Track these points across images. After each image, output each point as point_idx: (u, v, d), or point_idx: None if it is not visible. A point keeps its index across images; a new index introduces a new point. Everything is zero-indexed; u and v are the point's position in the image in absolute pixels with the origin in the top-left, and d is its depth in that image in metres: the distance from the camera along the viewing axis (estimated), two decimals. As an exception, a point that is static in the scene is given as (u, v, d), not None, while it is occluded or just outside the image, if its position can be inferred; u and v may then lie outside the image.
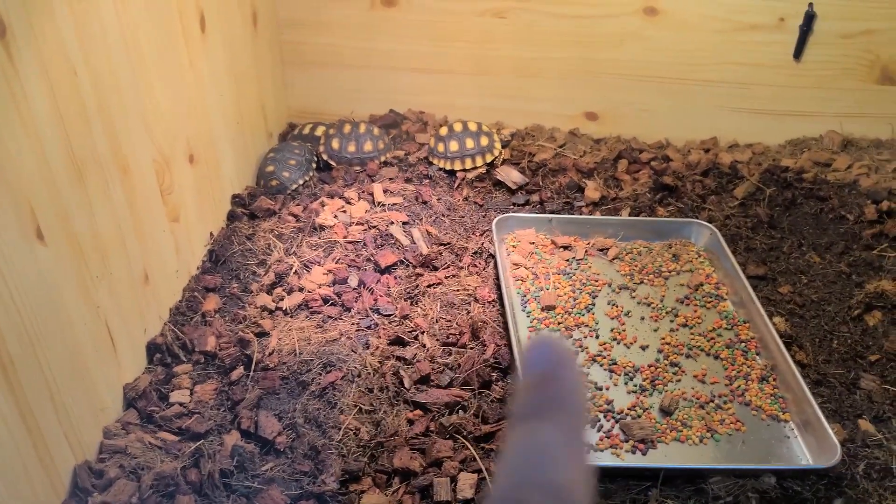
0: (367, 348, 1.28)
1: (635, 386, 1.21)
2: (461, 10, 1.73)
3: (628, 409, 1.17)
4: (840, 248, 1.52)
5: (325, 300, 1.36)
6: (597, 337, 1.30)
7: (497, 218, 1.50)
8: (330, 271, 1.41)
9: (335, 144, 1.71)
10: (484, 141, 1.70)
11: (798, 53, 1.71)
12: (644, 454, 1.10)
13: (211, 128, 1.44)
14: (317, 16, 1.76)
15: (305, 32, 1.79)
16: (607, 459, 1.10)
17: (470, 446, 1.12)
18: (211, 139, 1.44)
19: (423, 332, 1.30)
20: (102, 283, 1.09)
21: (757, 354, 1.29)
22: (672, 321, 1.35)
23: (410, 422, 1.17)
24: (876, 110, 1.77)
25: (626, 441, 1.12)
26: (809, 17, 1.66)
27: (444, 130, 1.71)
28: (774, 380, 1.24)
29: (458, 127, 1.71)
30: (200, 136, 1.39)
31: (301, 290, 1.37)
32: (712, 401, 1.19)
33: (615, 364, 1.24)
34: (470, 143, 1.69)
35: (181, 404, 1.18)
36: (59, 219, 0.98)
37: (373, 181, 1.66)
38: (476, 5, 1.72)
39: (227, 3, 1.48)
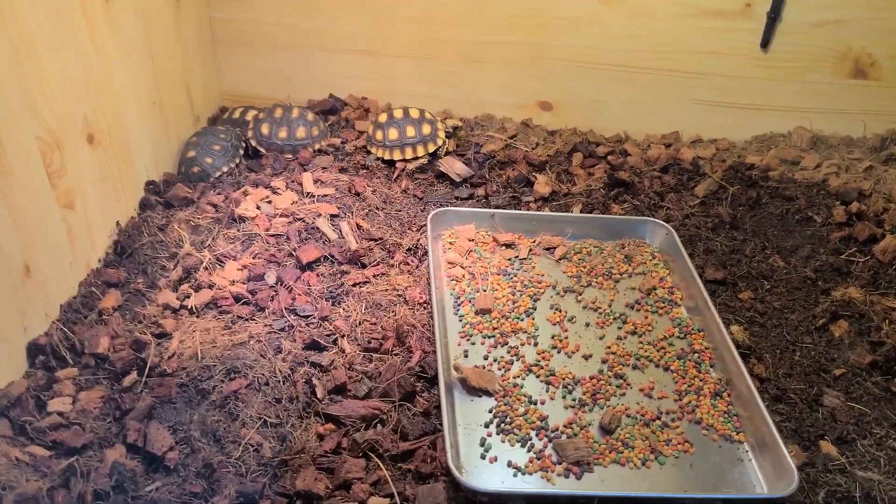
0: (279, 353, 1.14)
1: (574, 400, 1.08)
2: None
3: (564, 426, 1.04)
4: (806, 252, 1.41)
5: (237, 298, 1.22)
6: (535, 344, 1.18)
7: (433, 212, 1.37)
8: (245, 266, 1.28)
9: (265, 130, 1.57)
10: (426, 129, 1.57)
11: (765, 42, 1.60)
12: (578, 478, 0.98)
13: (118, 107, 1.30)
14: (250, -9, 1.63)
15: (236, 9, 1.65)
16: (535, 485, 0.97)
17: (383, 467, 0.98)
18: (118, 119, 1.30)
19: (343, 336, 1.17)
20: (-37, 276, 0.95)
21: (711, 367, 1.17)
22: (620, 328, 1.23)
23: (320, 437, 1.04)
24: (847, 106, 1.66)
25: (559, 463, 0.99)
26: (777, 4, 1.54)
27: (383, 117, 1.58)
28: (729, 395, 1.12)
29: (398, 114, 1.58)
30: (103, 115, 1.25)
31: (211, 286, 1.24)
32: (659, 418, 1.07)
33: (553, 375, 1.12)
34: (411, 132, 1.55)
35: (60, 413, 1.04)
36: None
37: (304, 170, 1.53)
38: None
39: (140, -30, 1.34)
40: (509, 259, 1.34)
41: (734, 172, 1.59)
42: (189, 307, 1.20)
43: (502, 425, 1.04)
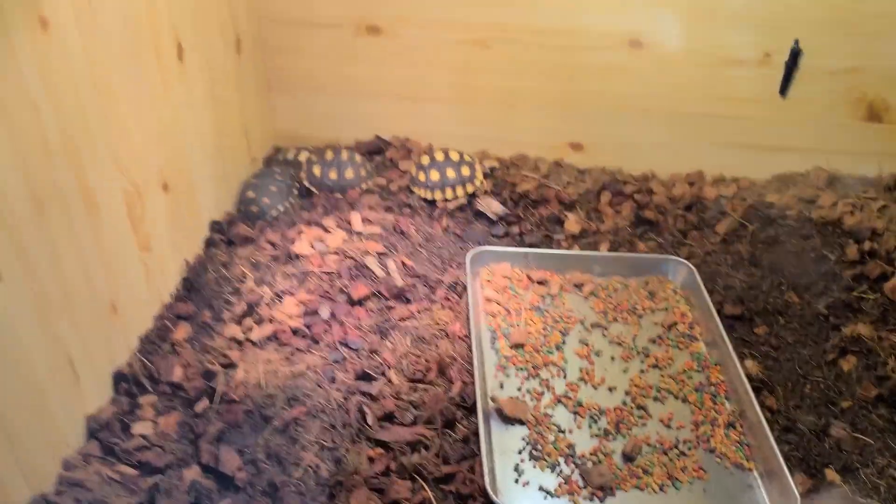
0: (333, 383, 1.27)
1: (599, 429, 1.20)
2: (444, 38, 1.73)
3: (590, 453, 1.16)
4: (819, 289, 1.51)
5: (295, 332, 1.36)
6: (564, 377, 1.29)
7: (471, 252, 1.49)
8: (302, 302, 1.41)
9: (316, 171, 1.71)
10: (465, 171, 1.69)
11: (784, 89, 1.70)
12: (602, 502, 1.09)
13: (187, 155, 1.44)
14: (303, 42, 1.77)
15: (291, 58, 1.79)
16: (564, 507, 1.09)
17: (427, 488, 1.11)
18: (187, 166, 1.45)
19: (390, 368, 1.30)
20: (64, 316, 1.09)
21: (726, 399, 1.27)
22: (643, 362, 1.34)
23: (371, 460, 1.16)
24: (862, 147, 1.75)
25: (585, 487, 1.11)
26: (795, 54, 1.65)
27: (425, 160, 1.71)
28: (741, 426, 1.22)
29: (439, 156, 1.71)
30: (175, 164, 1.39)
31: (271, 320, 1.37)
32: (676, 447, 1.18)
33: (581, 406, 1.24)
34: (451, 173, 1.68)
35: (143, 436, 1.18)
36: (17, 254, 0.98)
37: (353, 209, 1.66)
38: (459, 35, 1.72)
39: (208, 31, 1.49)
40: (541, 295, 1.46)
41: (754, 211, 1.69)
42: (252, 339, 1.34)
43: (534, 452, 1.15)
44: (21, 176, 0.97)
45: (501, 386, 1.27)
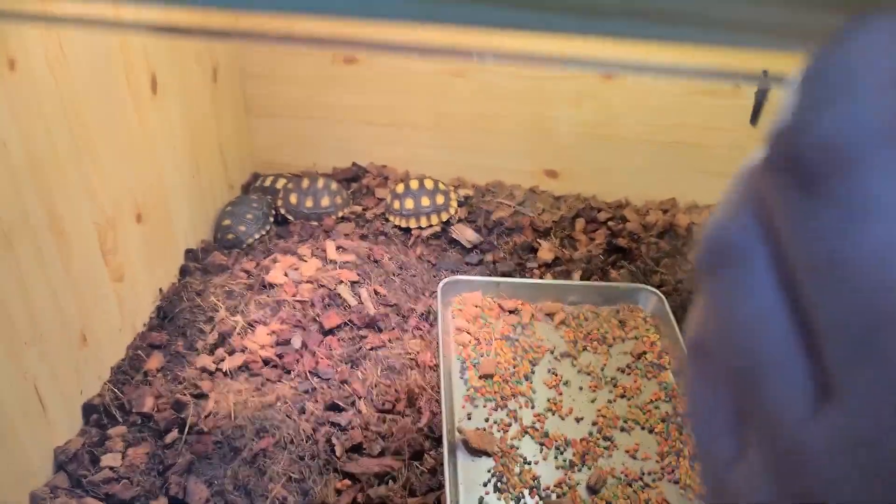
0: (303, 413, 1.28)
1: (564, 461, 1.21)
2: (420, 68, 1.75)
3: (555, 485, 1.17)
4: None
5: (266, 362, 1.37)
6: (532, 407, 1.31)
7: (443, 281, 1.51)
8: (274, 332, 1.42)
9: (293, 199, 1.73)
10: (440, 199, 1.71)
11: (754, 119, 1.72)
12: (565, 534, 1.10)
13: (162, 185, 1.45)
14: (280, 70, 1.79)
15: (269, 86, 1.81)
16: (527, 539, 1.10)
17: (393, 521, 1.12)
18: (162, 196, 1.46)
19: (360, 398, 1.31)
20: (32, 348, 1.10)
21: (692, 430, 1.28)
22: (611, 391, 1.35)
23: (339, 492, 1.17)
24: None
25: (548, 520, 1.12)
26: (764, 85, 1.67)
27: (400, 188, 1.73)
28: (706, 456, 1.23)
29: (414, 185, 1.72)
30: (149, 195, 1.41)
31: (243, 350, 1.38)
32: (641, 478, 1.19)
33: (547, 437, 1.25)
34: (425, 202, 1.70)
35: (111, 468, 1.18)
36: (-17, 290, 0.99)
37: (329, 236, 1.67)
38: (434, 65, 1.74)
39: (184, 61, 1.50)
40: (512, 325, 1.48)
41: (726, 238, 1.71)
42: (224, 370, 1.35)
43: (499, 484, 1.16)
44: (-13, 213, 0.98)
45: (469, 417, 1.28)
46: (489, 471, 1.19)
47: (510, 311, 1.51)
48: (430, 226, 1.71)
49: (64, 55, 1.11)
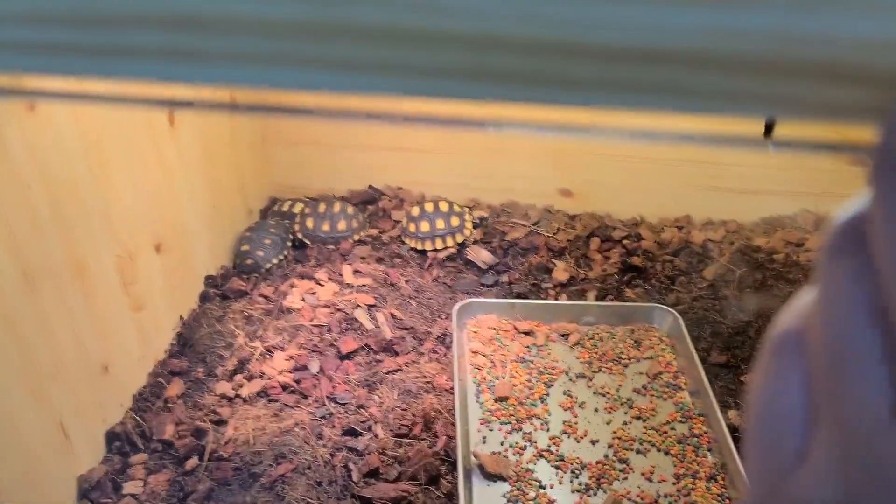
0: (320, 439, 1.30)
1: (580, 485, 1.22)
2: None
3: (570, 509, 1.18)
4: (806, 334, 1.52)
5: (284, 387, 1.39)
6: (547, 430, 1.31)
7: (459, 304, 1.52)
8: (291, 357, 1.44)
9: (309, 224, 1.75)
10: (455, 221, 1.73)
11: (768, 132, 1.72)
12: (580, 559, 1.11)
13: (181, 215, 1.48)
14: (297, 98, 1.81)
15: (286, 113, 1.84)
16: (542, 564, 1.10)
17: (409, 547, 1.13)
18: (181, 226, 1.49)
19: (376, 423, 1.32)
20: (55, 382, 1.12)
21: (709, 451, 1.29)
22: (626, 413, 1.36)
23: (356, 517, 1.19)
24: (849, 189, 1.76)
25: (563, 545, 1.13)
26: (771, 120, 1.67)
27: (415, 211, 1.74)
28: (723, 479, 1.24)
29: (429, 207, 1.74)
30: (169, 225, 1.44)
31: (262, 376, 1.40)
32: (657, 501, 1.20)
33: (562, 460, 1.25)
34: (440, 224, 1.72)
35: (133, 496, 1.21)
36: (7, 327, 1.02)
37: (345, 260, 1.69)
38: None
39: (200, 94, 1.53)
40: (527, 346, 1.49)
41: (741, 255, 1.71)
42: (243, 396, 1.37)
43: (514, 509, 1.17)
44: (10, 253, 1.01)
45: (484, 440, 1.29)
46: (504, 495, 1.20)
47: (525, 333, 1.52)
48: (446, 248, 1.73)
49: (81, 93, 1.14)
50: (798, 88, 0.28)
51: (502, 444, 1.29)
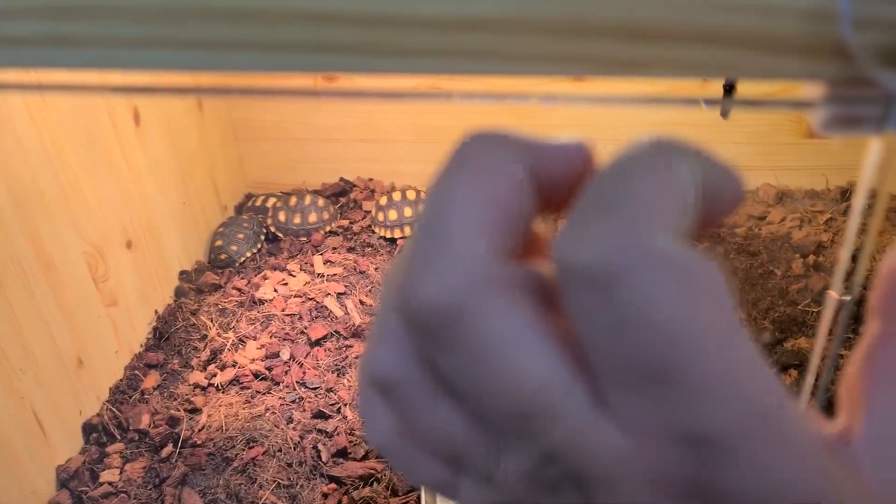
0: (291, 423, 1.34)
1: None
2: (400, 84, 1.81)
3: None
4: (766, 304, 1.56)
5: (256, 375, 1.43)
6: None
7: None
8: (263, 346, 1.48)
9: (282, 217, 1.79)
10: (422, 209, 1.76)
11: (725, 112, 1.75)
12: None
13: (151, 211, 1.52)
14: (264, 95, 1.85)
15: (254, 109, 1.88)
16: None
17: (375, 521, 1.17)
18: (152, 223, 1.53)
19: (345, 405, 1.36)
20: (27, 375, 1.17)
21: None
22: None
23: (325, 495, 1.23)
24: (808, 163, 1.81)
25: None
26: (731, 79, 1.71)
27: (383, 200, 1.78)
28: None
29: (397, 196, 1.78)
30: (139, 222, 1.48)
31: (234, 365, 1.44)
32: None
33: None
34: (408, 212, 1.76)
35: (110, 483, 1.25)
36: (-25, 323, 1.06)
37: (317, 251, 1.74)
38: (412, 82, 1.80)
39: (161, 81, 1.57)
40: (493, 326, 1.52)
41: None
42: (216, 385, 1.41)
43: (476, 480, 1.21)
44: (-26, 250, 1.06)
45: (449, 417, 1.33)
46: (466, 468, 1.24)
47: (491, 314, 1.55)
48: (414, 235, 1.76)
49: (44, 100, 1.18)
50: (601, 48, 0.32)
51: (466, 420, 1.33)
